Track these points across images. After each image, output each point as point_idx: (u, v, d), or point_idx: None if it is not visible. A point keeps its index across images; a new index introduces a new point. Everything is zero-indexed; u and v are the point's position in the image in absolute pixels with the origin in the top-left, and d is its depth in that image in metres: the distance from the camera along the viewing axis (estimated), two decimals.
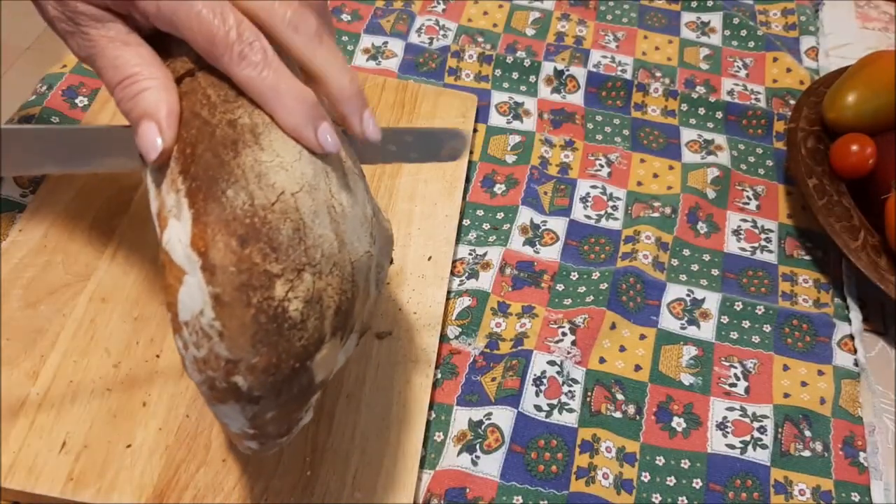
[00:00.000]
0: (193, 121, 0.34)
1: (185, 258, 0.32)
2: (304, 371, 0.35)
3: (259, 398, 0.34)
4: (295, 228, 0.33)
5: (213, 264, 0.32)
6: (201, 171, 0.33)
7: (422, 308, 0.55)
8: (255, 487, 0.45)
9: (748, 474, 0.51)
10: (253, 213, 0.32)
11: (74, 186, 0.57)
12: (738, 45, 0.79)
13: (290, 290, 0.33)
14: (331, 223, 0.35)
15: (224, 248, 0.32)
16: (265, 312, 0.32)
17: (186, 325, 0.33)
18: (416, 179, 0.62)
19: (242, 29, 0.34)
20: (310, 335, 0.34)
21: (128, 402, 0.48)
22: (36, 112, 0.62)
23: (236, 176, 0.33)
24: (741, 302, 0.59)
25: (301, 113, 0.35)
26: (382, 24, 0.75)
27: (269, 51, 0.35)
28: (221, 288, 0.32)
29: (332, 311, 0.35)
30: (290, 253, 0.33)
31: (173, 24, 0.35)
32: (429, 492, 0.47)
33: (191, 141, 0.34)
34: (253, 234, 0.32)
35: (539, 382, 0.52)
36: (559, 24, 0.78)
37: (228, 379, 0.33)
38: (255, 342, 0.32)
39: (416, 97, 0.67)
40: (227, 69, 0.35)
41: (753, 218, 0.65)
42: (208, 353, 0.32)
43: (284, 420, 0.37)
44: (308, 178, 0.35)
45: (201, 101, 0.35)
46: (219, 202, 0.32)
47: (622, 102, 0.72)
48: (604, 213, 0.64)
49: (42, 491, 0.44)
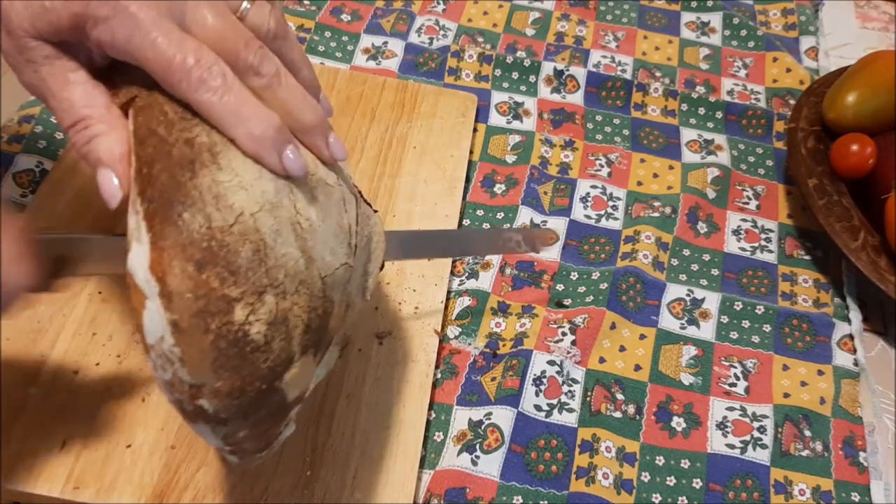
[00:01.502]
0: (150, 138, 0.33)
1: (145, 283, 0.31)
2: (272, 392, 0.34)
3: (226, 420, 0.33)
4: (255, 250, 0.32)
5: (170, 291, 0.31)
6: (157, 194, 0.32)
7: (422, 308, 0.55)
8: (254, 487, 0.45)
9: (748, 474, 0.51)
10: (210, 237, 0.31)
11: (74, 187, 0.57)
12: (737, 45, 0.79)
13: (251, 313, 0.32)
14: (296, 240, 0.34)
15: (181, 273, 0.31)
16: (224, 338, 0.31)
17: (152, 349, 0.32)
18: (416, 180, 0.62)
19: (200, 54, 0.34)
20: (276, 356, 0.33)
21: (128, 401, 0.48)
22: (36, 112, 0.62)
23: (193, 198, 0.32)
24: (741, 302, 0.59)
25: (264, 138, 0.34)
26: (382, 24, 0.75)
27: (228, 75, 0.34)
28: (179, 315, 0.31)
29: (300, 329, 0.34)
30: (250, 275, 0.32)
31: (129, 53, 0.34)
32: (429, 492, 0.47)
33: (147, 160, 0.33)
34: (210, 258, 0.31)
35: (539, 382, 0.52)
36: (559, 24, 0.78)
37: (194, 402, 0.32)
38: (217, 367, 0.32)
39: (416, 97, 0.67)
40: (186, 95, 0.34)
41: (753, 218, 0.65)
42: (173, 377, 0.32)
43: (261, 437, 0.37)
44: (269, 196, 0.34)
45: (158, 117, 0.34)
46: (175, 226, 0.31)
47: (622, 102, 0.72)
48: (604, 212, 0.64)
49: (42, 491, 0.44)
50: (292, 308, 0.34)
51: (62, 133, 0.61)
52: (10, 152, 0.59)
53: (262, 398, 0.34)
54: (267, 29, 0.38)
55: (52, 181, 0.57)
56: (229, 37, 0.35)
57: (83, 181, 0.57)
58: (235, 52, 0.35)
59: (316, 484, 0.46)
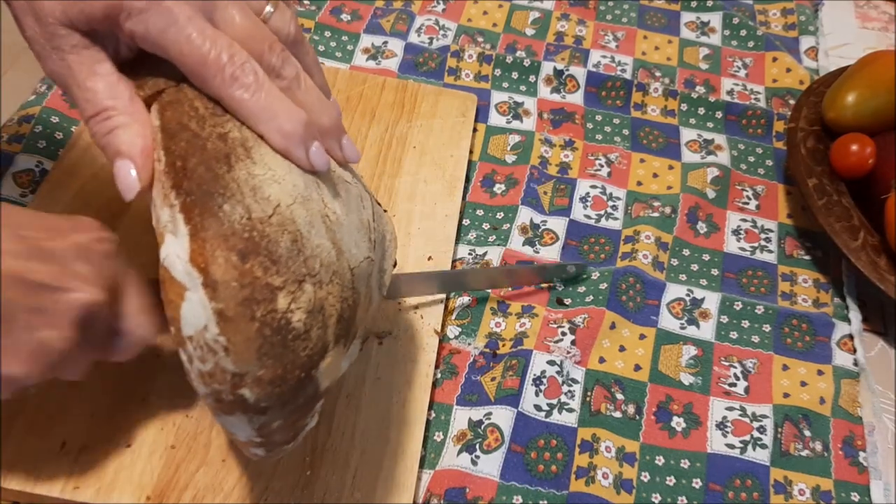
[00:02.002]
0: (182, 133, 0.34)
1: (185, 275, 0.32)
2: (309, 381, 0.35)
3: (266, 409, 0.34)
4: (293, 240, 0.33)
5: (214, 280, 0.31)
6: (195, 186, 0.33)
7: (422, 308, 0.55)
8: (254, 487, 0.45)
9: (748, 474, 0.51)
10: (251, 227, 0.32)
11: (74, 187, 0.57)
12: (737, 45, 0.79)
13: (293, 301, 0.33)
14: (327, 232, 0.35)
15: (225, 263, 0.32)
16: (269, 325, 0.32)
17: (190, 340, 0.32)
18: (416, 179, 0.62)
19: (233, 51, 0.34)
20: (314, 345, 0.34)
21: (128, 401, 0.48)
22: (35, 112, 0.62)
23: (231, 190, 0.33)
24: (741, 302, 0.59)
25: (293, 134, 0.35)
26: (382, 24, 0.75)
27: (259, 72, 0.35)
28: (224, 303, 0.32)
29: (334, 319, 0.35)
30: (290, 265, 0.33)
31: (162, 47, 0.34)
32: (428, 491, 0.47)
33: (181, 154, 0.34)
34: (252, 247, 0.32)
35: (539, 382, 0.52)
36: (559, 23, 0.78)
37: (235, 392, 0.33)
38: (261, 355, 0.32)
39: (416, 97, 0.67)
40: (218, 91, 0.35)
41: (753, 218, 0.65)
42: (214, 367, 0.32)
43: (291, 428, 0.37)
44: (300, 189, 0.35)
45: (189, 112, 0.35)
46: (216, 217, 0.32)
47: (622, 102, 0.72)
48: (603, 212, 0.64)
49: (42, 491, 0.44)
50: (327, 297, 0.34)
51: (62, 133, 0.61)
52: (9, 152, 0.59)
53: (300, 387, 0.34)
54: (287, 32, 0.39)
55: (52, 181, 0.57)
56: (255, 38, 0.36)
57: (83, 181, 0.57)
58: (259, 53, 0.36)
59: (316, 484, 0.46)
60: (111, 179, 0.38)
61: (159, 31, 0.34)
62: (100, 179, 0.57)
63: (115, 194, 0.59)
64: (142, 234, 0.55)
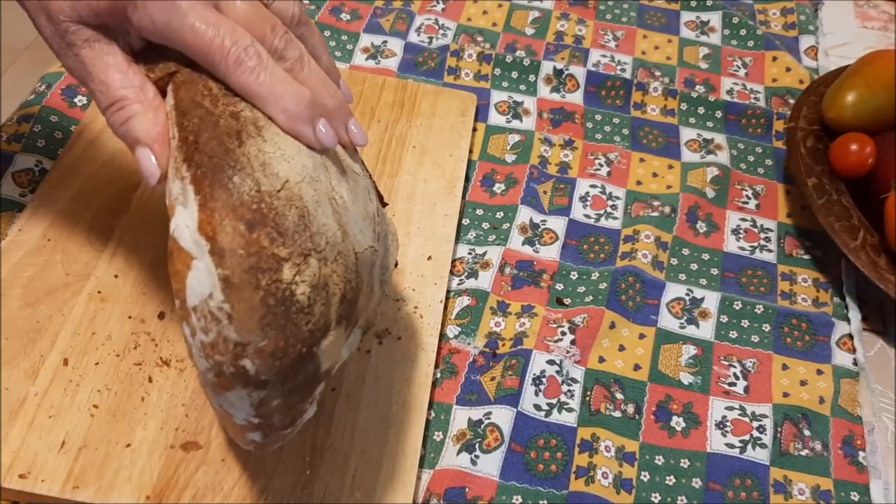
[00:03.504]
0: (195, 110, 0.35)
1: (193, 244, 0.33)
2: (310, 357, 0.35)
3: (266, 382, 0.34)
4: (300, 215, 0.34)
5: (221, 248, 0.32)
6: (206, 159, 0.34)
7: (421, 307, 0.55)
8: (254, 487, 0.45)
9: (747, 474, 0.51)
10: (259, 199, 0.33)
11: (74, 186, 0.57)
12: (737, 45, 0.79)
13: (297, 273, 0.33)
14: (333, 214, 0.36)
15: (232, 231, 0.32)
16: (273, 295, 0.33)
17: (195, 311, 0.33)
18: (415, 179, 0.62)
19: (237, 36, 0.35)
20: (316, 320, 0.34)
21: (127, 401, 0.48)
22: (35, 111, 0.62)
23: (242, 164, 0.34)
24: (740, 301, 0.59)
25: (299, 113, 0.36)
26: (382, 24, 0.75)
27: (263, 54, 0.36)
28: (230, 270, 0.32)
29: (337, 298, 0.35)
30: (297, 238, 0.33)
31: (168, 38, 0.35)
32: (428, 491, 0.47)
33: (193, 130, 0.34)
34: (260, 218, 0.33)
35: (538, 382, 0.52)
36: (558, 23, 0.78)
37: (236, 363, 0.33)
38: (264, 325, 0.33)
39: (416, 96, 0.67)
40: (225, 76, 0.36)
41: (753, 217, 0.65)
42: (216, 337, 0.33)
43: (289, 410, 0.38)
44: (309, 170, 0.36)
45: (202, 91, 0.36)
46: (225, 188, 0.33)
47: (621, 101, 0.72)
48: (603, 212, 0.64)
49: (42, 491, 0.44)
50: (332, 275, 0.35)
51: (61, 132, 0.61)
52: (9, 152, 0.59)
53: (301, 363, 0.35)
54: (291, 14, 0.39)
55: (52, 181, 0.57)
56: (257, 21, 0.37)
57: (82, 180, 0.57)
58: (262, 35, 0.37)
59: (315, 483, 0.46)
60: (111, 178, 0.38)
61: (164, 24, 0.35)
62: (99, 178, 0.57)
63: (114, 193, 0.59)
64: (142, 234, 0.55)
